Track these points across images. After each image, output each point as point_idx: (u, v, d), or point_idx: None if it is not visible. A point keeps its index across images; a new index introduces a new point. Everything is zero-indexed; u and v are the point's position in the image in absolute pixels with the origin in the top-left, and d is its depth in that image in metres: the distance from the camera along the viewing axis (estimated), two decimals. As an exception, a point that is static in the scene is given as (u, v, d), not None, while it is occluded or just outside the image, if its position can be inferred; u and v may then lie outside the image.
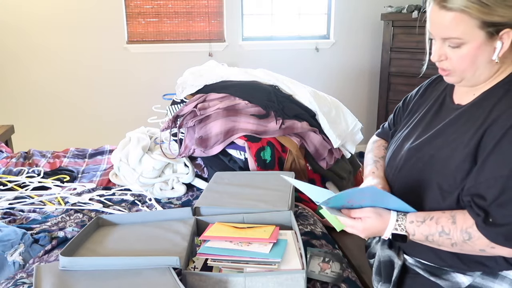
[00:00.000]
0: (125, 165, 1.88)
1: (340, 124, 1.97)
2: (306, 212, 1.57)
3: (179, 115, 1.90)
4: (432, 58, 1.03)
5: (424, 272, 1.11)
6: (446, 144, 1.02)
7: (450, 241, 0.98)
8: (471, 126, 0.99)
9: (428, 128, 1.10)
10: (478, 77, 1.00)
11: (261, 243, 1.12)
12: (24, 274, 1.24)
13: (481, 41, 0.94)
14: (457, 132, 1.01)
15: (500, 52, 0.95)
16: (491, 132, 0.94)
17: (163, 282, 0.98)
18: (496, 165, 0.92)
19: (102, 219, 1.34)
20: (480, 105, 1.00)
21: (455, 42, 0.96)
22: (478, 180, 0.95)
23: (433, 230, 0.99)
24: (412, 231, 1.01)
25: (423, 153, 1.06)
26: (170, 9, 3.94)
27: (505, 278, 1.01)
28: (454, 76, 1.02)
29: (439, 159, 1.02)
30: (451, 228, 0.97)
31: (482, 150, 0.95)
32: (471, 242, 0.96)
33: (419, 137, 1.10)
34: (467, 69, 0.99)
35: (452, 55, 0.98)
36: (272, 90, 1.95)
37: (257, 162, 1.74)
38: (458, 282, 1.05)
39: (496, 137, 0.92)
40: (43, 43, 3.76)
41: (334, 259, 1.20)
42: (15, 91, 3.84)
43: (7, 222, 1.55)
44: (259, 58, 4.11)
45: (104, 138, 3.82)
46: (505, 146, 0.91)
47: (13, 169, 2.12)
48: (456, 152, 0.99)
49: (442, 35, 0.98)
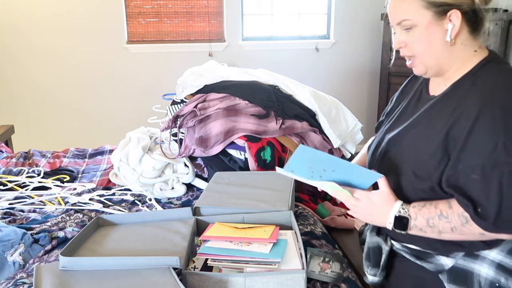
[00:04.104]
0: (125, 165, 1.88)
1: (340, 124, 1.97)
2: (306, 212, 1.57)
3: (179, 115, 1.90)
4: (393, 46, 1.09)
5: (410, 256, 1.15)
6: (421, 134, 1.06)
7: (450, 224, 1.00)
8: (442, 116, 1.02)
9: (406, 119, 1.15)
10: (439, 62, 1.04)
11: (261, 243, 1.12)
12: (24, 274, 1.24)
13: (429, 21, 0.99)
14: (430, 122, 1.05)
15: (452, 33, 0.99)
16: (460, 123, 0.97)
17: (163, 282, 0.98)
18: (471, 154, 0.95)
19: (102, 219, 1.34)
20: (451, 95, 1.04)
21: (406, 24, 1.02)
22: (456, 170, 0.98)
23: (432, 213, 1.02)
24: (414, 215, 1.04)
25: (400, 143, 1.11)
26: (170, 9, 3.94)
27: (485, 258, 1.05)
28: (418, 65, 1.07)
29: (414, 149, 1.06)
30: (449, 212, 1.00)
31: (454, 140, 0.98)
32: (469, 225, 0.98)
33: (397, 128, 1.15)
34: (424, 52, 1.03)
35: (408, 39, 1.04)
36: (272, 90, 1.95)
37: (257, 162, 1.74)
38: (442, 264, 1.09)
39: (467, 127, 0.95)
40: (43, 43, 3.76)
41: (334, 259, 1.20)
42: (15, 91, 3.84)
43: (7, 222, 1.55)
44: (259, 58, 4.11)
45: (104, 138, 3.82)
46: (476, 134, 0.94)
47: (13, 169, 2.12)
48: (429, 142, 1.03)
49: (395, 20, 1.05)
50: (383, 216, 1.07)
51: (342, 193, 1.09)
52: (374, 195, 1.07)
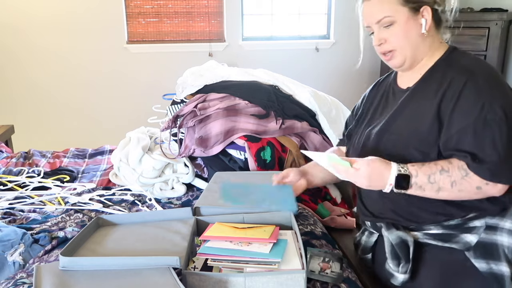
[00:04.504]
0: (125, 165, 1.88)
1: (340, 124, 1.96)
2: (306, 212, 1.57)
3: (179, 115, 1.90)
4: (373, 43, 1.21)
5: (436, 241, 1.18)
6: (412, 115, 1.16)
7: (450, 178, 1.08)
8: (427, 96, 1.14)
9: (386, 111, 1.25)
10: (416, 53, 1.17)
11: (261, 243, 1.12)
12: (24, 274, 1.24)
13: (407, 16, 1.14)
14: (417, 103, 1.16)
15: (426, 26, 1.14)
16: (448, 94, 1.10)
17: (163, 282, 0.98)
18: (461, 117, 1.07)
19: (102, 219, 1.34)
20: (429, 79, 1.17)
21: (386, 21, 1.15)
22: (450, 134, 1.09)
23: (434, 169, 1.09)
24: (415, 172, 1.10)
25: (392, 129, 1.19)
26: (170, 9, 3.94)
27: (503, 229, 1.14)
28: (397, 57, 1.18)
29: (410, 128, 1.15)
30: (449, 167, 1.08)
31: (446, 110, 1.10)
32: (468, 178, 1.07)
33: (381, 120, 1.24)
34: (404, 45, 1.16)
35: (389, 35, 1.17)
36: (272, 90, 1.95)
37: (257, 162, 1.74)
38: (467, 241, 1.15)
39: (454, 97, 1.08)
40: (43, 43, 3.76)
41: (334, 259, 1.20)
42: (15, 91, 3.84)
43: (7, 222, 1.55)
44: (259, 58, 4.11)
45: (104, 138, 3.81)
46: (463, 100, 1.07)
47: (13, 169, 2.12)
48: (423, 119, 1.13)
49: (374, 19, 1.17)
50: (383, 179, 1.11)
51: (341, 165, 1.14)
52: (372, 160, 1.13)
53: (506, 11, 3.50)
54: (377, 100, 1.33)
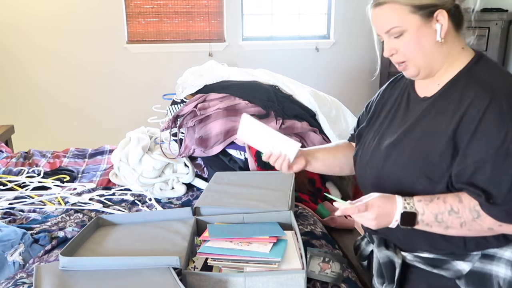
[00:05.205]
0: (125, 165, 1.88)
1: (340, 124, 1.97)
2: (306, 212, 1.57)
3: (179, 115, 1.90)
4: (384, 54, 1.09)
5: (425, 265, 1.12)
6: (424, 135, 1.05)
7: (460, 220, 0.99)
8: (444, 115, 1.02)
9: (401, 124, 1.13)
10: (432, 63, 1.05)
11: (261, 243, 1.12)
12: (24, 274, 1.24)
13: (418, 24, 1.01)
14: (432, 122, 1.05)
15: (442, 32, 1.01)
16: (468, 117, 0.97)
17: (163, 282, 0.98)
18: (480, 147, 0.95)
19: (102, 219, 1.34)
20: (448, 94, 1.04)
21: (396, 31, 1.03)
22: (466, 164, 0.97)
23: (442, 209, 1.00)
24: (422, 210, 1.01)
25: (402, 147, 1.08)
26: (170, 9, 3.94)
27: (501, 258, 1.05)
28: (410, 68, 1.07)
29: (421, 151, 1.04)
30: (459, 207, 0.99)
31: (463, 136, 0.98)
32: (479, 220, 0.98)
33: (394, 133, 1.13)
34: (417, 55, 1.04)
35: (399, 45, 1.04)
36: (272, 90, 1.95)
37: (257, 162, 1.74)
38: (459, 269, 1.08)
39: (475, 121, 0.96)
40: (43, 43, 3.76)
41: (334, 259, 1.20)
42: (15, 91, 3.84)
43: (7, 222, 1.55)
44: (259, 58, 4.11)
45: (104, 138, 3.82)
46: (485, 127, 0.95)
47: (13, 169, 2.12)
48: (436, 142, 1.02)
49: (384, 29, 1.05)
50: (390, 216, 1.03)
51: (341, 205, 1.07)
52: (374, 200, 1.04)
53: (506, 11, 3.50)
54: (391, 102, 1.20)
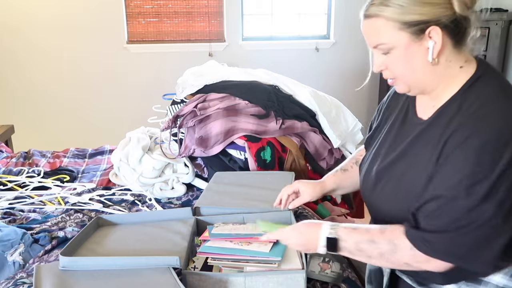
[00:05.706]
0: (125, 165, 1.88)
1: (340, 124, 1.97)
2: (306, 212, 1.57)
3: (179, 115, 1.90)
4: (373, 69, 1.00)
5: (412, 282, 1.09)
6: (409, 167, 0.99)
7: (378, 250, 0.96)
8: (429, 148, 0.95)
9: (392, 146, 1.06)
10: (423, 83, 0.96)
11: (261, 243, 1.12)
12: (24, 274, 1.24)
13: (407, 42, 0.90)
14: (418, 154, 0.98)
15: (434, 52, 0.90)
16: (447, 146, 0.90)
17: (163, 282, 0.98)
18: (444, 179, 0.90)
19: (102, 219, 1.34)
20: (436, 123, 0.96)
21: (383, 48, 0.93)
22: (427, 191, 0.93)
23: (364, 238, 0.97)
24: (344, 236, 0.99)
25: (390, 175, 1.03)
26: (170, 9, 3.94)
27: (488, 283, 0.99)
28: (400, 84, 0.99)
29: (404, 185, 0.99)
30: (380, 238, 0.96)
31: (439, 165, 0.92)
32: (396, 254, 0.94)
33: (385, 157, 1.07)
34: (405, 74, 0.95)
35: (388, 62, 0.95)
36: (272, 90, 1.95)
37: (257, 162, 1.74)
38: None
39: (451, 149, 0.89)
40: (44, 43, 3.76)
41: (334, 259, 1.20)
42: (15, 91, 3.84)
43: (7, 222, 1.55)
44: (259, 58, 4.11)
45: (104, 138, 3.81)
46: (457, 158, 0.88)
47: (13, 169, 2.12)
48: (417, 177, 0.96)
49: (371, 44, 0.96)
50: (314, 240, 1.01)
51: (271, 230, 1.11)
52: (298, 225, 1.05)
53: (506, 11, 3.50)
54: (396, 113, 1.11)
